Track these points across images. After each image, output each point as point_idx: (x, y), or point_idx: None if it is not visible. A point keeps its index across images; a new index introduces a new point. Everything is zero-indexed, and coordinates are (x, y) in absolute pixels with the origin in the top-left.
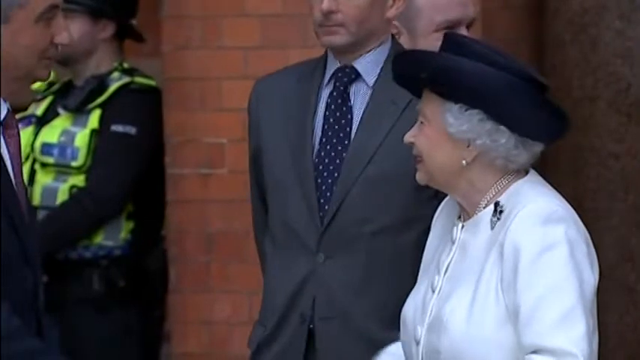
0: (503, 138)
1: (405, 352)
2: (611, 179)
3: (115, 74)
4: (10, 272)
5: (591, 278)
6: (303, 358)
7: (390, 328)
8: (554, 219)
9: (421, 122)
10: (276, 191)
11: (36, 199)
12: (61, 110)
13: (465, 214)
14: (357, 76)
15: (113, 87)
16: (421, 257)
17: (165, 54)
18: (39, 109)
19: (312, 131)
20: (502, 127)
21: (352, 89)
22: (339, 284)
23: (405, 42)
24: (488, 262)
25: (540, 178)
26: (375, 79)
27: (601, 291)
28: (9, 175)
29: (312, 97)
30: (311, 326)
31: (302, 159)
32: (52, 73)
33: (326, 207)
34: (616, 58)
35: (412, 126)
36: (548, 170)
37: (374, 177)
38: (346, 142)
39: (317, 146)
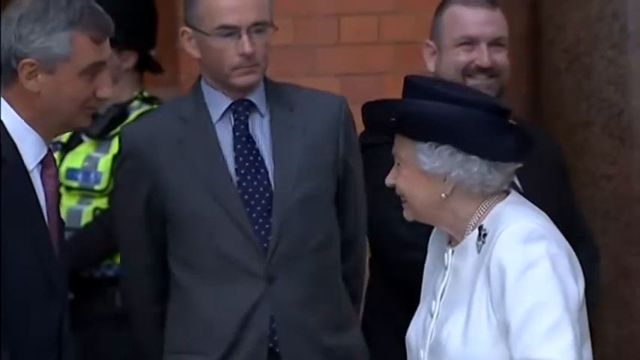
0: (475, 166)
1: None
2: (604, 199)
3: (136, 103)
4: (33, 307)
5: (575, 290)
6: None
7: (338, 334)
8: (534, 237)
9: (398, 164)
10: (198, 227)
11: None
12: (84, 137)
13: (453, 239)
14: (252, 107)
15: (134, 115)
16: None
17: (183, 83)
18: (64, 137)
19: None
20: (472, 157)
21: (248, 120)
22: (293, 301)
23: (436, 59)
24: (478, 284)
25: (521, 198)
26: (265, 107)
27: (598, 305)
28: (41, 212)
29: (210, 133)
30: (270, 345)
31: (225, 192)
32: None
33: (262, 233)
34: (609, 85)
35: (316, 147)
36: None
37: (302, 198)
38: (262, 170)
39: (235, 178)
